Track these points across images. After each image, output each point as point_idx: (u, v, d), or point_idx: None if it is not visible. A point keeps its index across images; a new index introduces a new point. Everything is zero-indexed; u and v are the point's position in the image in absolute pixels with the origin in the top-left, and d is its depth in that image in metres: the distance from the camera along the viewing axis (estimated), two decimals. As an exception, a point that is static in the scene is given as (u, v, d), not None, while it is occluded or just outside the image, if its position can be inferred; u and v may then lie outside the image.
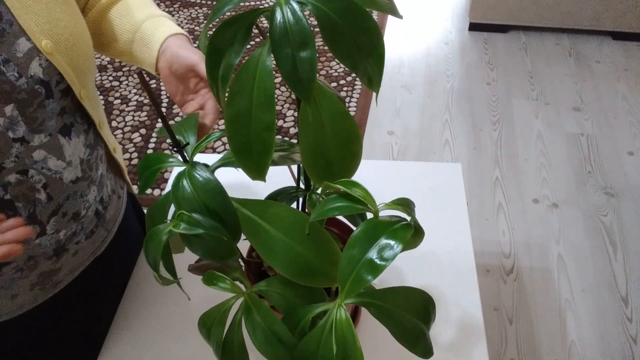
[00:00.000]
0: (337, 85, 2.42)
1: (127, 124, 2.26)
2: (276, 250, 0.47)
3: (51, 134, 0.61)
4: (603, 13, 2.50)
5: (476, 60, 2.55)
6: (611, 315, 1.58)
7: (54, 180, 0.63)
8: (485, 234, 1.82)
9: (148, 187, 0.54)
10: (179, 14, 2.89)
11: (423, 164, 1.03)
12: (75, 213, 0.68)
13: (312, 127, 0.43)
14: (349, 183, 0.46)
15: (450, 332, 0.77)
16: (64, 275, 0.71)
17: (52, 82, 0.60)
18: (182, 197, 0.48)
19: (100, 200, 0.73)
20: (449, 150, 2.13)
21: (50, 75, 0.59)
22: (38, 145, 0.60)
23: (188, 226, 0.45)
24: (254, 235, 0.48)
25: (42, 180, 0.61)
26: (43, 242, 0.64)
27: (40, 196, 0.61)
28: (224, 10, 0.40)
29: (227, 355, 0.51)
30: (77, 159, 0.66)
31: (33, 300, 0.69)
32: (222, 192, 0.48)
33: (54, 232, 0.65)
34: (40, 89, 0.58)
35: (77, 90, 0.63)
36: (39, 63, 0.58)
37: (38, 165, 0.60)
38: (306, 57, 0.37)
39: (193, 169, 0.49)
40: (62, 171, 0.63)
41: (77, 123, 0.66)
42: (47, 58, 0.58)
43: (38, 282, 0.68)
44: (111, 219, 0.78)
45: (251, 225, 0.48)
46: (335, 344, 0.41)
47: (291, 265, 0.47)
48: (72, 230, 0.68)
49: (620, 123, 2.20)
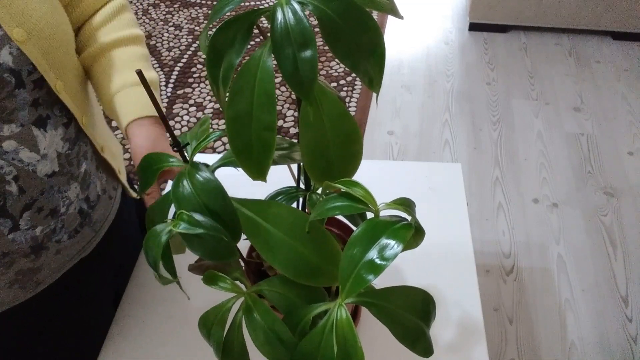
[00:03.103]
0: (337, 85, 2.42)
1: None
2: (277, 250, 0.47)
3: (23, 125, 0.59)
4: (603, 13, 2.50)
5: (476, 60, 2.55)
6: (611, 315, 1.59)
7: (27, 172, 0.61)
8: (485, 234, 1.82)
9: (148, 186, 0.54)
10: (179, 14, 2.89)
11: (423, 164, 1.03)
12: (53, 209, 0.65)
13: (313, 127, 0.43)
14: (350, 183, 0.46)
15: (450, 332, 0.77)
16: (46, 275, 0.69)
17: (23, 72, 0.58)
18: (182, 197, 0.48)
19: (85, 198, 0.71)
20: (449, 150, 2.13)
21: (20, 64, 0.58)
22: (8, 135, 0.58)
23: (188, 226, 0.45)
24: (254, 235, 0.48)
25: (12, 172, 0.59)
26: (17, 237, 0.62)
27: (10, 188, 0.59)
28: (225, 11, 0.40)
29: (228, 355, 0.51)
30: (53, 152, 0.64)
31: (13, 299, 0.67)
32: (222, 192, 0.48)
33: (29, 227, 0.63)
34: (10, 77, 0.57)
35: (52, 82, 0.62)
36: (9, 51, 0.56)
37: (8, 157, 0.58)
38: (307, 58, 0.37)
39: (193, 169, 0.49)
40: (36, 164, 0.61)
41: (54, 115, 0.64)
42: (18, 47, 0.57)
43: (17, 279, 0.65)
44: (99, 220, 0.76)
45: (251, 225, 0.48)
46: (335, 343, 0.41)
47: (292, 264, 0.47)
48: (50, 228, 0.66)
49: (620, 123, 2.20)
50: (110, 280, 0.84)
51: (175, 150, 0.51)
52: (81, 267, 0.75)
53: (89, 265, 0.77)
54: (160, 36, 2.73)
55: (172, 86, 2.44)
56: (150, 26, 2.81)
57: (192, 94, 2.40)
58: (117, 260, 0.85)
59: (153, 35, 2.74)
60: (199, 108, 2.32)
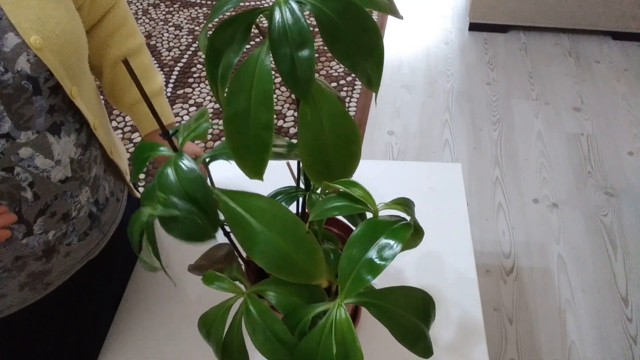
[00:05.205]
0: (337, 85, 2.42)
1: (127, 124, 2.26)
2: (257, 241, 0.46)
3: (39, 132, 0.60)
4: (603, 13, 2.50)
5: (476, 60, 2.55)
6: (611, 315, 1.58)
7: (41, 179, 0.62)
8: (485, 234, 1.82)
9: (139, 172, 0.54)
10: (179, 14, 2.89)
11: (423, 164, 1.03)
12: (65, 214, 0.66)
13: (311, 127, 0.43)
14: (349, 183, 0.46)
15: (450, 332, 0.77)
16: (56, 277, 0.70)
17: (40, 79, 0.59)
18: (165, 183, 0.48)
19: (95, 202, 0.72)
20: (449, 150, 2.13)
21: (38, 71, 0.58)
22: (25, 142, 0.59)
23: (164, 208, 0.46)
24: (235, 225, 0.48)
25: (28, 178, 0.60)
26: (30, 242, 0.63)
27: (26, 194, 0.60)
28: (224, 10, 0.40)
29: (227, 355, 0.51)
30: (66, 158, 0.65)
31: (22, 301, 0.68)
32: (203, 181, 0.48)
33: (42, 232, 0.64)
34: (27, 84, 0.57)
35: (67, 89, 0.62)
36: (26, 58, 0.57)
37: (24, 163, 0.59)
38: (304, 57, 0.37)
39: (179, 157, 0.49)
40: (50, 170, 0.62)
41: (68, 122, 0.65)
42: (35, 54, 0.57)
43: (27, 282, 0.66)
44: (107, 222, 0.77)
45: (233, 215, 0.48)
46: (335, 343, 0.41)
47: (270, 257, 0.46)
48: (62, 231, 0.67)
49: (620, 123, 2.20)
50: (113, 280, 0.85)
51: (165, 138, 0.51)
52: (89, 269, 0.76)
53: (96, 267, 0.77)
54: (160, 36, 2.73)
55: (172, 86, 2.44)
56: (150, 26, 2.81)
57: (192, 94, 2.40)
58: (121, 261, 0.86)
59: (153, 35, 2.74)
60: (199, 108, 2.32)
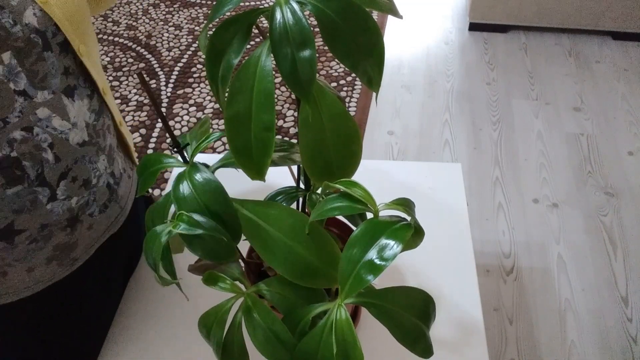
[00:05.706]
0: (337, 85, 2.42)
1: (127, 124, 2.26)
2: (276, 251, 0.47)
3: (55, 93, 0.61)
4: (603, 13, 2.50)
5: (476, 60, 2.55)
6: (611, 315, 1.58)
7: (60, 140, 0.63)
8: (485, 234, 1.82)
9: (148, 187, 0.54)
10: (179, 14, 2.89)
11: (423, 164, 1.03)
12: (85, 180, 0.68)
13: (312, 127, 0.43)
14: (349, 183, 0.46)
15: (450, 332, 0.77)
16: (81, 252, 0.72)
17: (48, 33, 0.59)
18: (182, 198, 0.48)
19: (111, 174, 0.74)
20: (449, 150, 2.13)
21: (45, 25, 0.59)
22: (42, 102, 0.60)
23: (188, 226, 0.45)
24: (254, 236, 0.48)
25: (47, 139, 0.61)
26: (55, 207, 0.64)
27: (47, 156, 0.62)
28: (224, 10, 0.40)
29: (227, 355, 0.51)
30: (82, 121, 0.66)
31: (51, 276, 0.69)
32: (223, 193, 0.48)
33: (65, 197, 0.65)
34: (37, 38, 0.58)
35: (75, 45, 0.63)
36: (33, 12, 0.58)
37: (42, 124, 0.60)
38: (306, 57, 0.37)
39: (194, 169, 0.49)
40: (68, 132, 0.64)
41: (80, 86, 0.66)
42: (40, 7, 0.58)
43: (54, 256, 0.68)
44: (124, 196, 0.79)
45: (251, 226, 0.48)
46: (335, 344, 0.41)
47: (291, 266, 0.47)
48: (84, 199, 0.68)
49: (620, 123, 2.20)
50: (122, 263, 0.86)
51: (175, 151, 0.51)
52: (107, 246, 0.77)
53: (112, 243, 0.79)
54: (160, 36, 2.73)
55: (172, 86, 2.44)
56: (150, 26, 2.81)
57: (192, 94, 2.40)
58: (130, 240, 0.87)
59: (153, 35, 2.74)
60: (199, 108, 2.32)
